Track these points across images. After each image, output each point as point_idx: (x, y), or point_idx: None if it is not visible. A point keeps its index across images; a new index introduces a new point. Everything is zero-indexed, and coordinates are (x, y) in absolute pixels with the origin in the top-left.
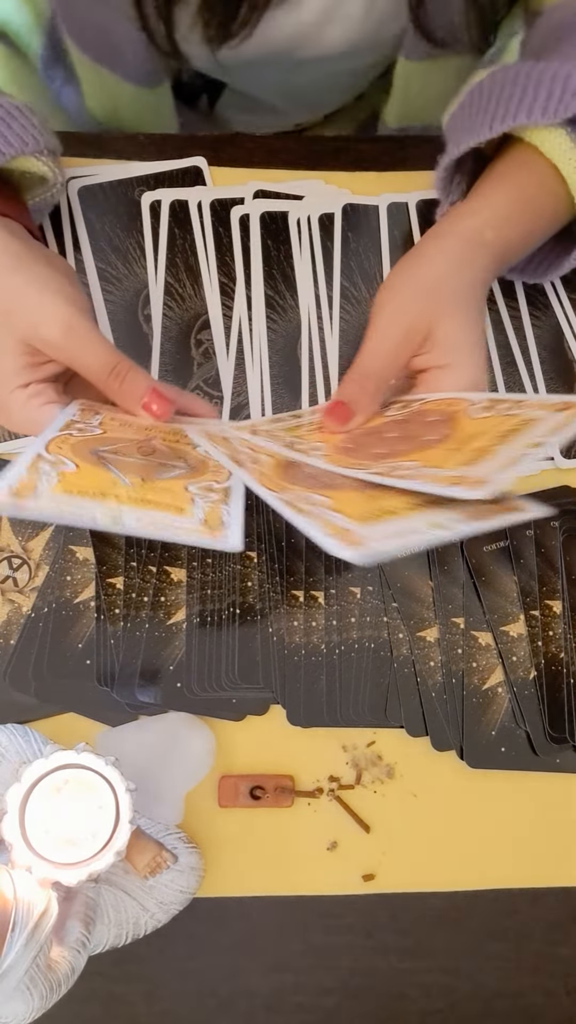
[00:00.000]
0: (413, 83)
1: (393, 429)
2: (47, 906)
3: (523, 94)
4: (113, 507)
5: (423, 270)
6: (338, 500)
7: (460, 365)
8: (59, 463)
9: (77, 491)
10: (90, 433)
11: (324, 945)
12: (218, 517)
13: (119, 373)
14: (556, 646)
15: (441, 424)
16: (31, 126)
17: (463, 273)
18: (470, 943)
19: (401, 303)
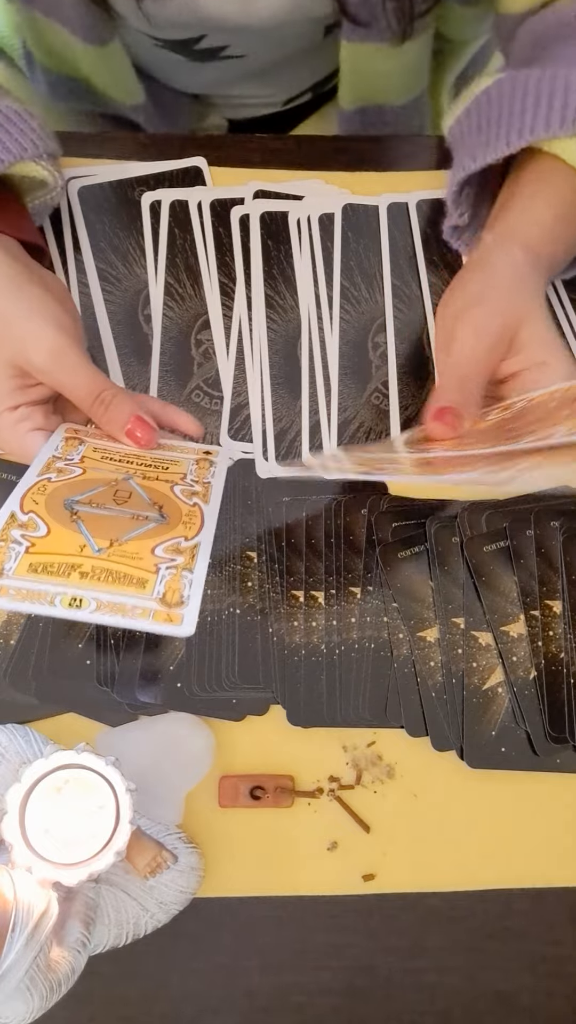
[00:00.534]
0: (359, 65)
1: (508, 424)
2: (47, 906)
3: (536, 105)
4: (74, 588)
5: (500, 278)
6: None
7: (555, 363)
8: (31, 526)
9: (42, 567)
10: (68, 476)
11: (324, 945)
12: (178, 592)
13: (103, 400)
14: (556, 646)
15: (570, 403)
16: (31, 130)
17: (533, 278)
18: (470, 943)
19: (488, 309)
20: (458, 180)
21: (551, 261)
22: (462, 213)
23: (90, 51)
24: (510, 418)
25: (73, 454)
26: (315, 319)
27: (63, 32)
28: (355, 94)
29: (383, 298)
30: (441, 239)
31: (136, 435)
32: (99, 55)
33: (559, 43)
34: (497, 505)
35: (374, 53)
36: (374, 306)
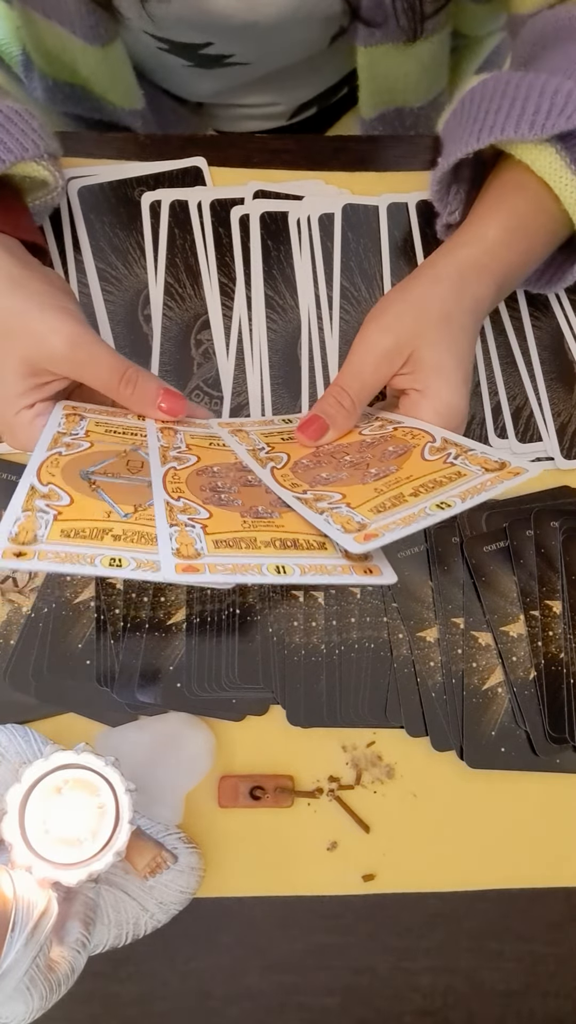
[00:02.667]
0: (378, 69)
1: (355, 451)
2: (47, 906)
3: (511, 107)
4: (112, 550)
5: (414, 292)
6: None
7: (436, 390)
8: (53, 496)
9: (75, 533)
10: (77, 449)
11: (324, 945)
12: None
13: (130, 379)
14: (556, 646)
15: (394, 458)
16: (31, 130)
17: (455, 299)
18: (470, 943)
19: (386, 323)
20: (437, 178)
21: (504, 272)
22: (453, 211)
23: (91, 52)
24: (369, 443)
25: (77, 429)
26: (315, 319)
27: (63, 33)
28: (375, 99)
29: None
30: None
31: (168, 407)
32: (100, 56)
33: (552, 47)
34: (497, 505)
35: (390, 54)
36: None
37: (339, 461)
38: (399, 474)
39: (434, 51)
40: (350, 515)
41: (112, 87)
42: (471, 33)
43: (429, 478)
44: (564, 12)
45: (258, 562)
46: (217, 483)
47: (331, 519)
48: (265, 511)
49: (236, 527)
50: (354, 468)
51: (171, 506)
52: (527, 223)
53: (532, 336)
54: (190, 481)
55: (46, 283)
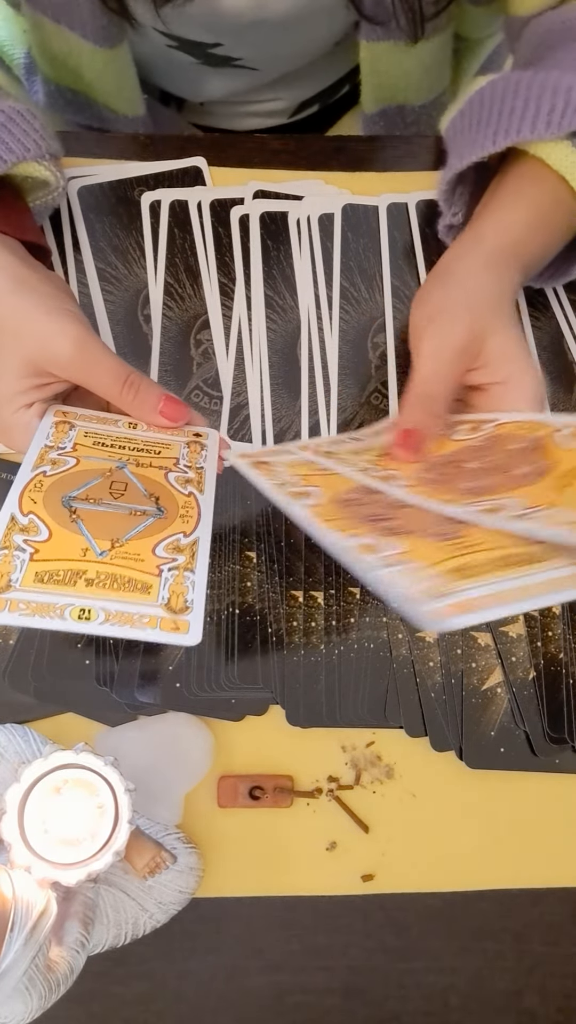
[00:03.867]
0: (379, 65)
1: (471, 457)
2: (46, 906)
3: (525, 107)
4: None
5: (461, 289)
6: (532, 497)
7: (521, 378)
8: (32, 530)
9: (49, 576)
10: (63, 468)
11: (324, 945)
12: (182, 596)
13: (132, 384)
14: (555, 646)
15: (531, 453)
16: (33, 130)
17: (500, 288)
18: (469, 943)
19: (448, 322)
20: (447, 179)
21: (523, 266)
22: (456, 212)
23: (98, 54)
24: (477, 447)
25: (65, 441)
26: (315, 319)
27: (72, 37)
28: (377, 95)
29: (383, 298)
30: (440, 239)
31: (169, 414)
32: (106, 58)
33: (559, 46)
34: None
35: (393, 51)
36: (374, 306)
37: (464, 470)
38: (557, 468)
39: (436, 51)
40: (416, 574)
41: (115, 92)
42: (471, 36)
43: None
44: (569, 12)
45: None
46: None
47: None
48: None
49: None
50: (495, 472)
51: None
52: (548, 216)
53: (532, 336)
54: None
55: (50, 285)
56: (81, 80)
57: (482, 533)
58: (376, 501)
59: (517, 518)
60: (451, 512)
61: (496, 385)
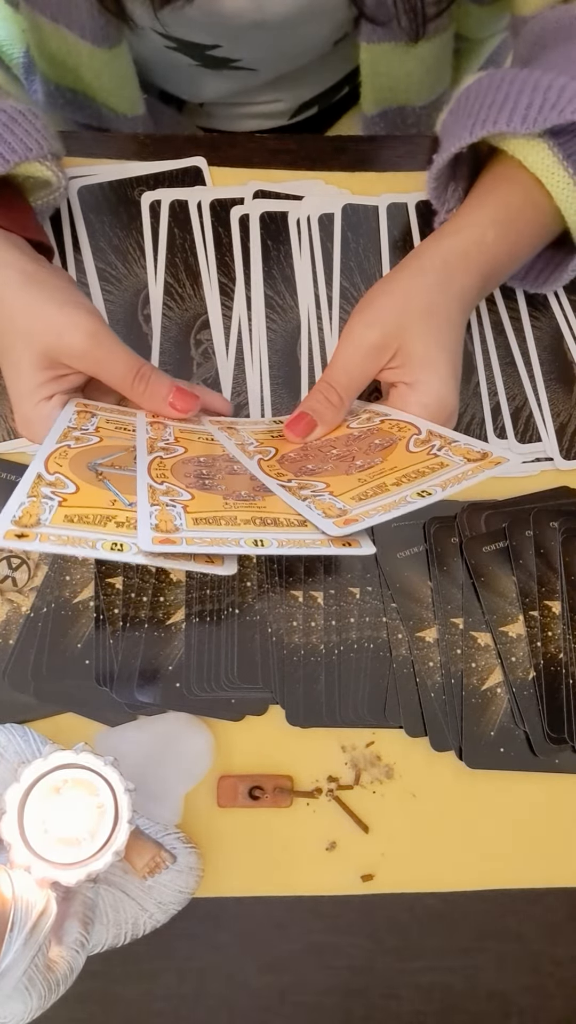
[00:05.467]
0: (380, 66)
1: (342, 445)
2: (46, 906)
3: (504, 101)
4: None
5: (399, 285)
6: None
7: (425, 383)
8: (59, 484)
9: (78, 519)
10: (87, 443)
11: (323, 945)
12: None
13: (144, 376)
14: (555, 647)
15: (380, 450)
16: (35, 130)
17: (440, 290)
18: (469, 943)
19: (371, 317)
20: (433, 175)
21: (489, 264)
22: (450, 209)
23: (97, 54)
24: (356, 436)
25: (87, 425)
26: (315, 319)
27: (71, 37)
28: (377, 96)
29: None
30: None
31: (178, 405)
32: (105, 58)
33: (551, 46)
34: (496, 505)
35: (393, 53)
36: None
37: (325, 454)
38: (383, 465)
39: (437, 52)
40: (332, 502)
41: (114, 92)
42: (472, 36)
43: (412, 468)
44: (564, 13)
45: (236, 536)
46: (203, 471)
47: (313, 505)
48: (248, 495)
49: (217, 507)
50: (339, 460)
51: (154, 489)
52: (516, 216)
53: (531, 336)
54: (175, 468)
55: (59, 279)
56: (80, 80)
57: (397, 458)
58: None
59: (299, 496)
60: (266, 482)
61: (403, 385)
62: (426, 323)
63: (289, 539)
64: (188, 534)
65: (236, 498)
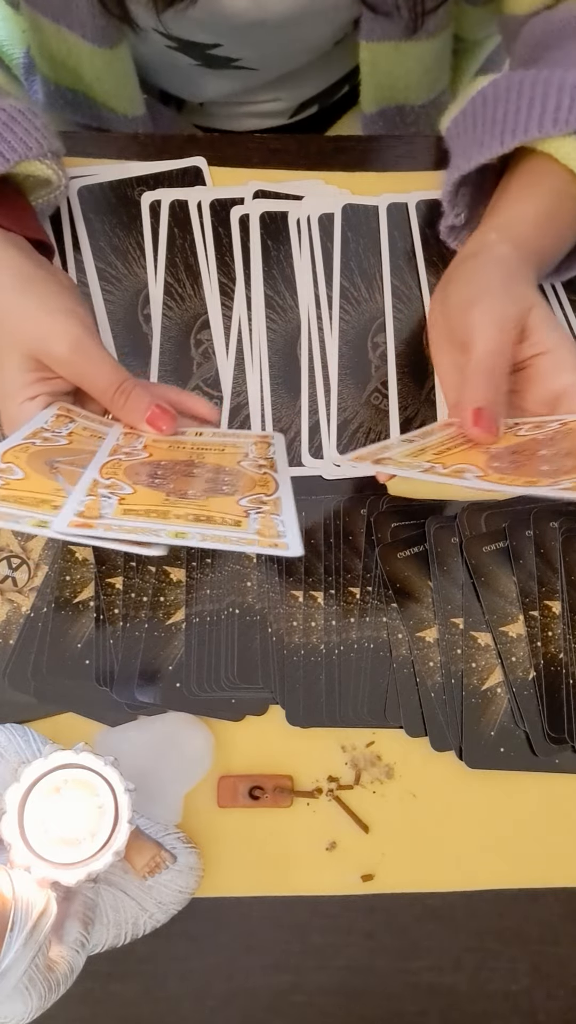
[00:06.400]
0: (379, 65)
1: (541, 447)
2: (46, 906)
3: (531, 105)
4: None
5: (497, 270)
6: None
7: (561, 346)
8: (7, 472)
9: (15, 499)
10: (54, 443)
11: (323, 945)
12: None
13: (125, 391)
14: (555, 647)
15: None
16: (35, 129)
17: (523, 269)
18: (469, 943)
19: (501, 297)
20: (453, 180)
21: (539, 257)
22: (458, 213)
23: (97, 54)
24: (543, 439)
25: (61, 429)
26: (315, 319)
27: (71, 37)
28: (376, 95)
29: (383, 298)
30: (441, 239)
31: (157, 424)
32: (106, 58)
33: (558, 44)
34: (496, 505)
35: (392, 52)
36: (374, 306)
37: (538, 457)
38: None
39: (436, 51)
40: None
41: (115, 92)
42: (470, 37)
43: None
44: (566, 12)
45: (159, 527)
46: (157, 471)
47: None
48: (195, 495)
49: (155, 502)
50: (569, 457)
51: (96, 482)
52: (558, 210)
53: None
54: (130, 469)
55: (55, 283)
56: (80, 80)
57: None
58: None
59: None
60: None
61: (539, 356)
62: (536, 295)
63: (214, 535)
64: (108, 521)
65: (179, 496)
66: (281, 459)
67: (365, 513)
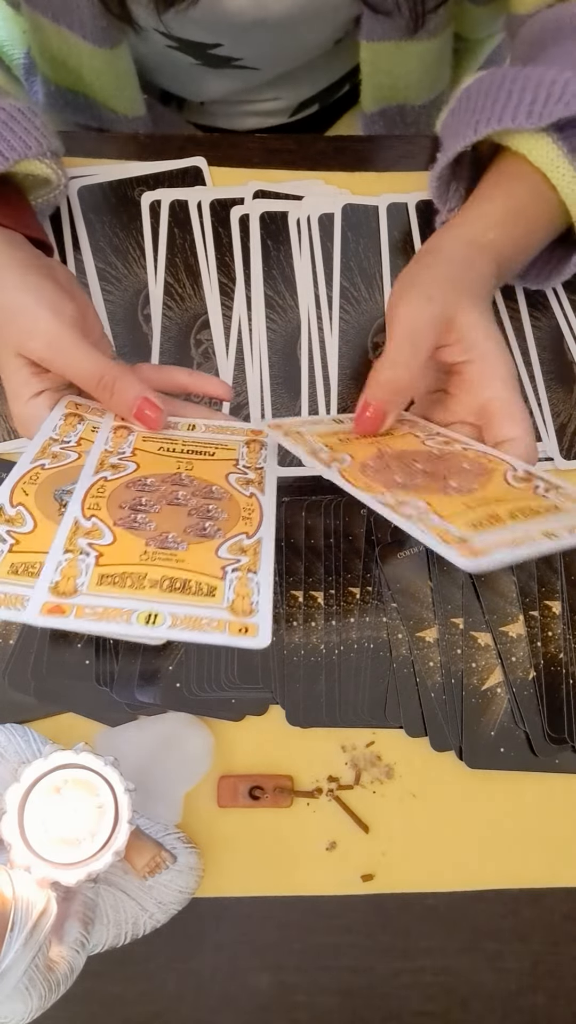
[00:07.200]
0: (380, 65)
1: (425, 461)
2: (46, 906)
3: (507, 98)
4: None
5: (433, 271)
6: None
7: (492, 355)
8: (17, 521)
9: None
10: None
11: (323, 945)
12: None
13: (106, 386)
14: (555, 646)
15: (473, 475)
16: (34, 128)
17: (471, 272)
18: (469, 943)
19: (418, 296)
20: (436, 174)
21: (497, 257)
22: (451, 208)
23: (97, 54)
24: (436, 455)
25: (71, 436)
26: (315, 319)
27: (72, 38)
28: (376, 95)
29: (383, 298)
30: None
31: (145, 416)
32: (106, 58)
33: (551, 44)
34: None
35: (392, 52)
36: (374, 306)
37: (410, 468)
38: (484, 494)
39: (436, 50)
40: (445, 527)
41: (115, 93)
42: (471, 36)
43: (523, 504)
44: (563, 11)
45: (131, 607)
46: (142, 499)
47: (426, 529)
48: (174, 540)
49: (132, 559)
50: (429, 478)
51: (77, 526)
52: (525, 209)
53: (532, 336)
54: (114, 496)
55: (42, 276)
56: (81, 80)
57: (497, 489)
58: (394, 468)
59: (402, 514)
60: (368, 503)
61: (469, 364)
62: (472, 299)
63: (186, 615)
64: (82, 600)
65: (159, 544)
66: (271, 466)
67: (365, 513)
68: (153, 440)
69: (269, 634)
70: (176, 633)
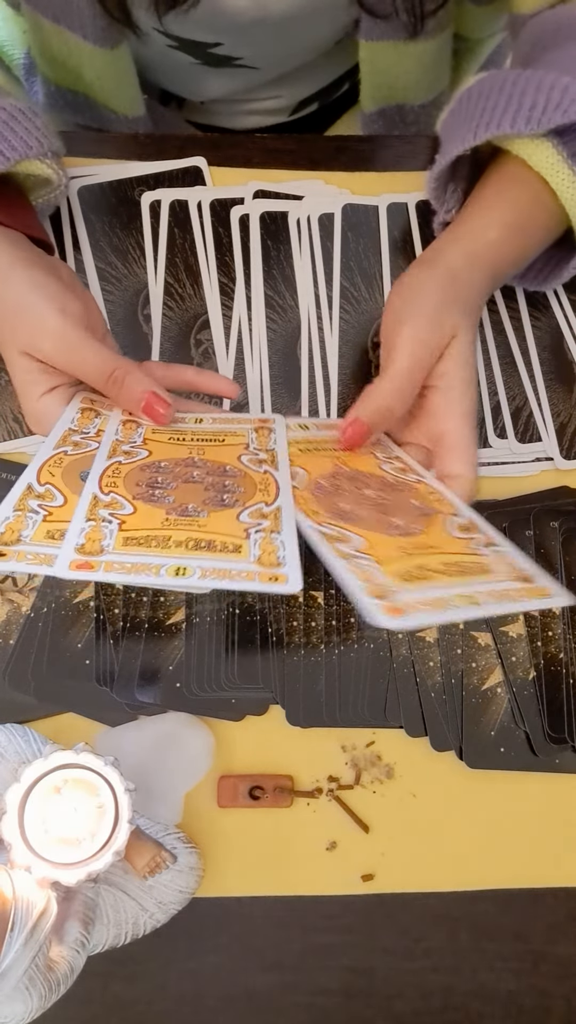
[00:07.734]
0: (379, 64)
1: (378, 487)
2: (46, 906)
3: (508, 103)
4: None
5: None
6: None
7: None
8: (47, 496)
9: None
10: (85, 449)
11: (324, 945)
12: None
13: (116, 380)
14: (555, 646)
15: (419, 517)
16: (35, 128)
17: (470, 289)
18: (469, 943)
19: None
20: (434, 176)
21: (493, 268)
22: (449, 210)
23: (98, 54)
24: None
25: (89, 427)
26: (315, 319)
27: (72, 38)
28: (376, 94)
29: (383, 298)
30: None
31: (153, 411)
32: (106, 59)
33: (552, 47)
34: (496, 505)
35: (392, 51)
36: (374, 306)
37: (360, 494)
38: (424, 539)
39: (436, 51)
40: (373, 572)
41: (115, 93)
42: (471, 35)
43: (456, 560)
44: (564, 12)
45: (159, 563)
46: (158, 478)
47: (355, 574)
48: (194, 509)
49: (155, 524)
50: (376, 510)
51: (96, 500)
52: (526, 218)
53: (531, 336)
54: (129, 477)
55: (52, 277)
56: (81, 81)
57: (438, 535)
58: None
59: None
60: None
61: (435, 391)
62: (471, 315)
63: (214, 568)
64: (110, 558)
65: (179, 513)
66: (281, 448)
67: None
68: (162, 432)
69: (300, 580)
70: (208, 582)
